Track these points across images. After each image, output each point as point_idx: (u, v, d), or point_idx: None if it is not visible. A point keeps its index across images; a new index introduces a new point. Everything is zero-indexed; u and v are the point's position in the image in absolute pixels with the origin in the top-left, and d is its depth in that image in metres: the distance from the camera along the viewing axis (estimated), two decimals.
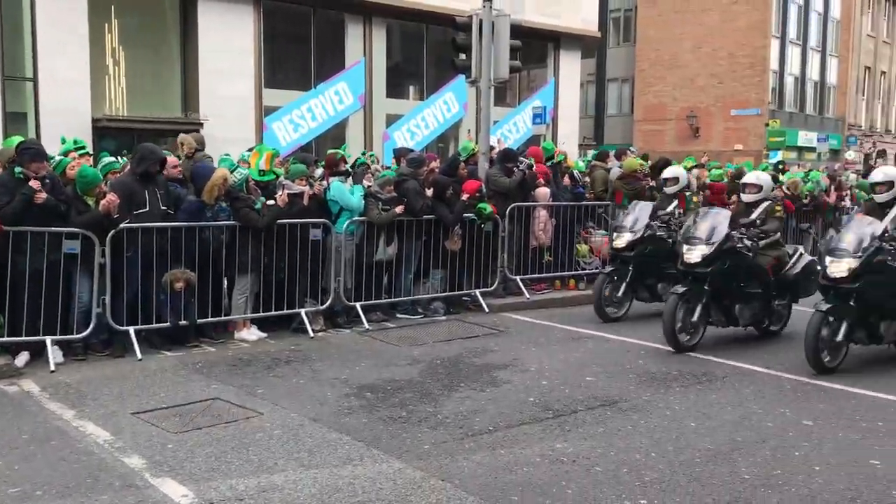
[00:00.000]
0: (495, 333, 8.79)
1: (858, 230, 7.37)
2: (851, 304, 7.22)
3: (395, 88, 21.73)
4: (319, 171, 9.74)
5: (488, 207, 9.80)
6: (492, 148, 11.86)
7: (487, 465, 4.93)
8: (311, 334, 8.41)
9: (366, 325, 8.86)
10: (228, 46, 17.71)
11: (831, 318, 7.21)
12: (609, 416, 5.95)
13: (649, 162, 14.01)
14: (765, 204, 8.62)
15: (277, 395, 6.35)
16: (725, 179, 14.50)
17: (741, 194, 8.88)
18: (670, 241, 9.25)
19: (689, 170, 14.54)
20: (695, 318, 7.98)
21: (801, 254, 8.88)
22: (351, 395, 6.39)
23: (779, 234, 8.73)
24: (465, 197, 9.57)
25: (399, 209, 9.02)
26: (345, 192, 8.83)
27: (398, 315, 9.47)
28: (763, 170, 15.08)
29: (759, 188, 8.65)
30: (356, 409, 6.03)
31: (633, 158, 13.34)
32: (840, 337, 7.24)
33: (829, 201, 15.83)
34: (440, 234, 9.56)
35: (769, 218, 8.54)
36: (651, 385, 6.82)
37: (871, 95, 45.91)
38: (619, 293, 9.57)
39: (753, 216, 8.54)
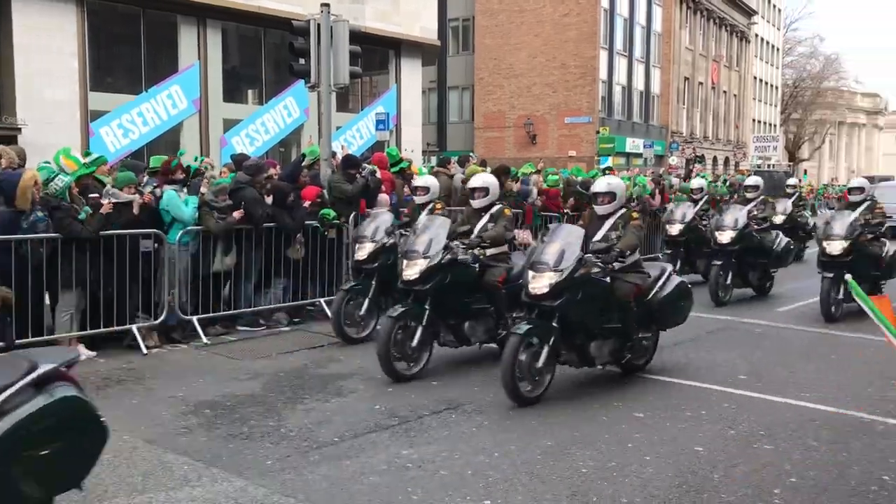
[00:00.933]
0: (340, 342, 8.67)
1: (564, 240, 6.55)
2: (554, 323, 6.40)
3: (233, 92, 21.13)
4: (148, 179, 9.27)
5: (332, 212, 9.69)
6: (334, 154, 11.78)
7: (333, 476, 4.85)
8: (145, 351, 7.98)
9: (204, 339, 8.51)
10: (49, 48, 16.55)
11: (533, 341, 6.32)
12: (454, 420, 6.02)
13: (488, 168, 14.35)
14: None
15: (108, 418, 5.92)
16: (561, 185, 15.09)
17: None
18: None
19: (528, 175, 15.08)
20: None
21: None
22: (189, 413, 6.11)
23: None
24: (307, 204, 9.42)
25: (238, 215, 8.75)
26: (177, 202, 8.46)
27: (239, 328, 9.17)
28: (593, 175, 15.85)
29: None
30: (194, 427, 5.77)
31: (474, 165, 13.62)
32: (541, 363, 6.32)
33: (654, 204, 16.80)
34: (281, 243, 9.36)
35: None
36: (495, 386, 6.91)
37: (691, 104, 49.39)
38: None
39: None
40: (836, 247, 9.95)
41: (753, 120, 61.13)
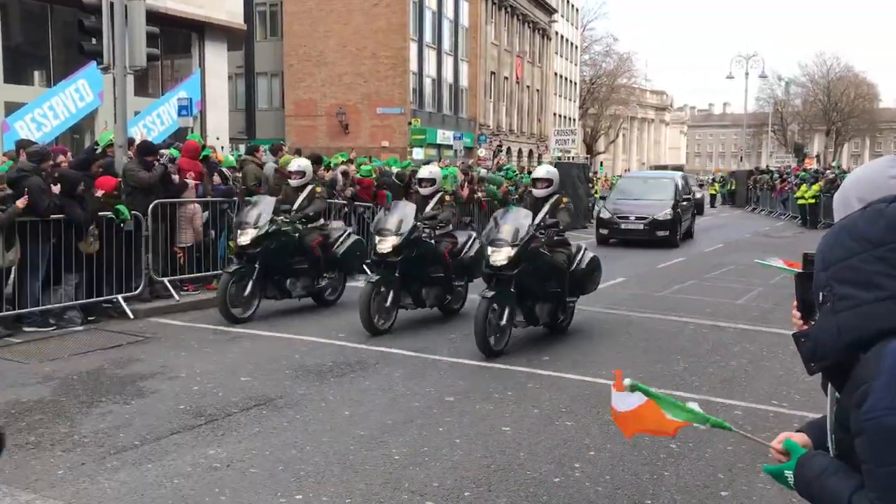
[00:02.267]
0: (142, 341, 8.21)
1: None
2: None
3: (16, 73, 19.37)
4: None
5: (126, 211, 9.11)
6: (132, 141, 11.09)
7: (133, 483, 4.56)
8: None
9: None
10: None
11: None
12: (265, 416, 5.86)
13: (302, 156, 14.10)
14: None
15: None
16: (374, 175, 15.12)
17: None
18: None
19: (338, 165, 14.98)
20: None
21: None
22: None
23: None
24: (99, 194, 8.80)
25: (21, 203, 8.02)
26: None
27: (25, 328, 8.42)
28: (405, 166, 16.00)
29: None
30: None
31: (287, 155, 13.34)
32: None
33: (463, 194, 17.25)
34: (72, 235, 8.68)
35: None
36: (307, 379, 6.86)
37: (497, 98, 51.12)
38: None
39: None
40: (501, 255, 7.65)
41: (554, 114, 64.26)
